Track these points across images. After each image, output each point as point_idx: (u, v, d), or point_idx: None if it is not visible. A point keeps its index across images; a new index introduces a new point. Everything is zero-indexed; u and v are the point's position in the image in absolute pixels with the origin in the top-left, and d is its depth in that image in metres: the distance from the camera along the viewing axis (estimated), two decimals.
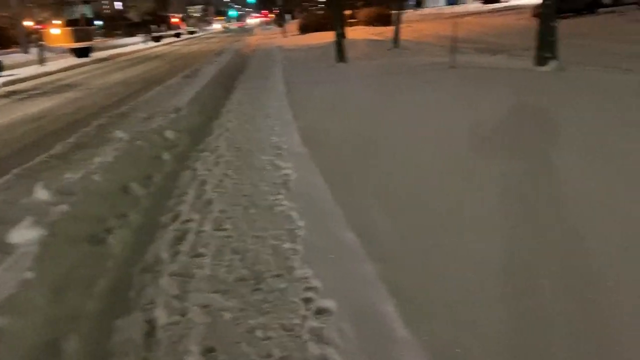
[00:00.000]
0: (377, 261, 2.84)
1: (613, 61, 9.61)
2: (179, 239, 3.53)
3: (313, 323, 2.44)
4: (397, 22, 17.37)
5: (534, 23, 10.26)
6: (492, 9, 41.36)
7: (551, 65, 8.37)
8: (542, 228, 3.16)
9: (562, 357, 2.10)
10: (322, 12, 41.70)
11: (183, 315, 2.61)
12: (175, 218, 3.91)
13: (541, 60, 8.57)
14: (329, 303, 2.57)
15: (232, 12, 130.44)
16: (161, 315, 2.60)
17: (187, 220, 3.85)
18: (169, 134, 5.95)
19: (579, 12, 23.07)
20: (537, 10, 14.37)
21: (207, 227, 3.68)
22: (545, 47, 8.54)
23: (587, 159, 4.15)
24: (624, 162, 4.07)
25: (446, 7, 59.01)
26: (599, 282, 2.56)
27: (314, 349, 2.26)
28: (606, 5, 23.91)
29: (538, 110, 5.90)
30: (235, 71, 14.31)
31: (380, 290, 2.57)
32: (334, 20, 14.28)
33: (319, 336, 2.34)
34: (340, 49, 13.21)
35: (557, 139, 4.70)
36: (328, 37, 22.93)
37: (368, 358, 2.14)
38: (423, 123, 5.91)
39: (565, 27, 10.10)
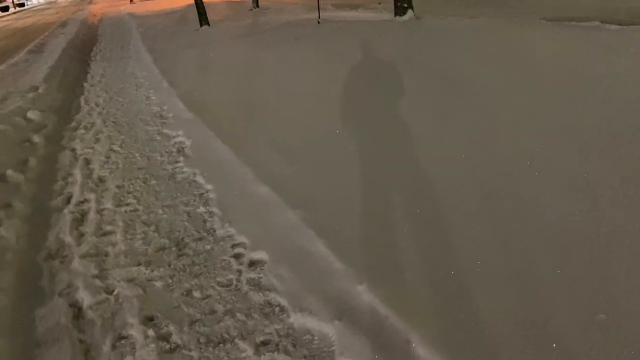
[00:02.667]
0: (296, 208, 2.94)
1: (458, 10, 10.54)
2: (79, 220, 3.30)
3: (249, 275, 2.50)
4: None
5: None
6: None
7: (409, 14, 8.95)
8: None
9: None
10: None
11: (109, 292, 2.50)
12: (67, 200, 3.62)
13: (399, 11, 9.11)
14: (260, 254, 2.64)
15: None
16: (85, 297, 2.47)
17: (82, 201, 3.59)
18: (33, 114, 5.35)
19: None
20: None
21: (108, 205, 3.47)
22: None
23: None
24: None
25: None
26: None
27: (256, 297, 2.33)
28: None
29: (402, 54, 6.35)
30: (87, 42, 13.08)
31: (306, 233, 2.69)
32: None
33: (258, 285, 2.41)
34: (201, 12, 12.68)
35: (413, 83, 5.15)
36: (179, 1, 21.88)
37: (310, 293, 2.27)
38: (299, 76, 6.04)
39: None
